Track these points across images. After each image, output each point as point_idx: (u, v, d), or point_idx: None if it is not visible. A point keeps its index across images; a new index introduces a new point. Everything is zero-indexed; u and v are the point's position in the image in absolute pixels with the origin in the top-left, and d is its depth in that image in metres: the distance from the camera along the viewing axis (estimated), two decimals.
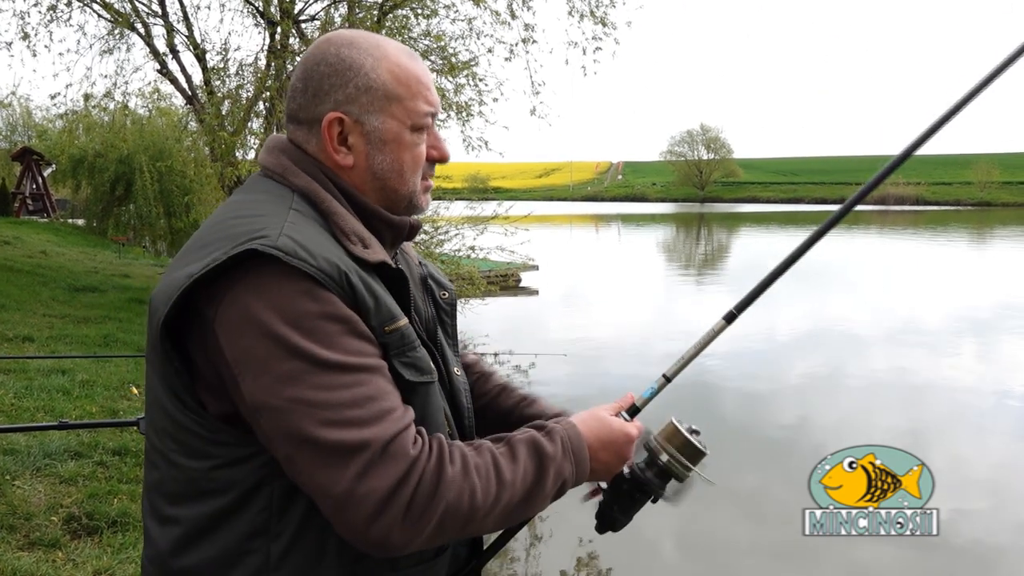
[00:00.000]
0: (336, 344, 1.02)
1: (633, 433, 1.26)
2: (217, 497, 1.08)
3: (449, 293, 1.41)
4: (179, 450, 1.10)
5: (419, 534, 1.01)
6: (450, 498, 1.02)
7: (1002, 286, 20.01)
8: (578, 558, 5.17)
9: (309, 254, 1.03)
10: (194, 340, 1.06)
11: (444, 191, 13.68)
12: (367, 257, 1.11)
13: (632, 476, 1.30)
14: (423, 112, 1.19)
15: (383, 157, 1.18)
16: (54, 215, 31.76)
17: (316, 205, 1.15)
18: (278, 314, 1.00)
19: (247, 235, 1.04)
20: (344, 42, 1.19)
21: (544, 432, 1.17)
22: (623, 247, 36.99)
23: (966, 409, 9.05)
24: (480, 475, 1.06)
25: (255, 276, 1.02)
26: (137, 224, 24.20)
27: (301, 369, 0.99)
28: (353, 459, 0.98)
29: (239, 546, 1.08)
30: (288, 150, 1.20)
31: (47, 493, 4.21)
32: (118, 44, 13.36)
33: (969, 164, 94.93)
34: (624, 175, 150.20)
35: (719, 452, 1.38)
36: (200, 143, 14.59)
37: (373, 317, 1.07)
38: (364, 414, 1.00)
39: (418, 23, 12.09)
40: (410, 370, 1.11)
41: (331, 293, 1.03)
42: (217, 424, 1.07)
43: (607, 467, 1.25)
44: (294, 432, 1.00)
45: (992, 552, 5.41)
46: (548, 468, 1.13)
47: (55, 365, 6.87)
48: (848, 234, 42.36)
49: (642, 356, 11.38)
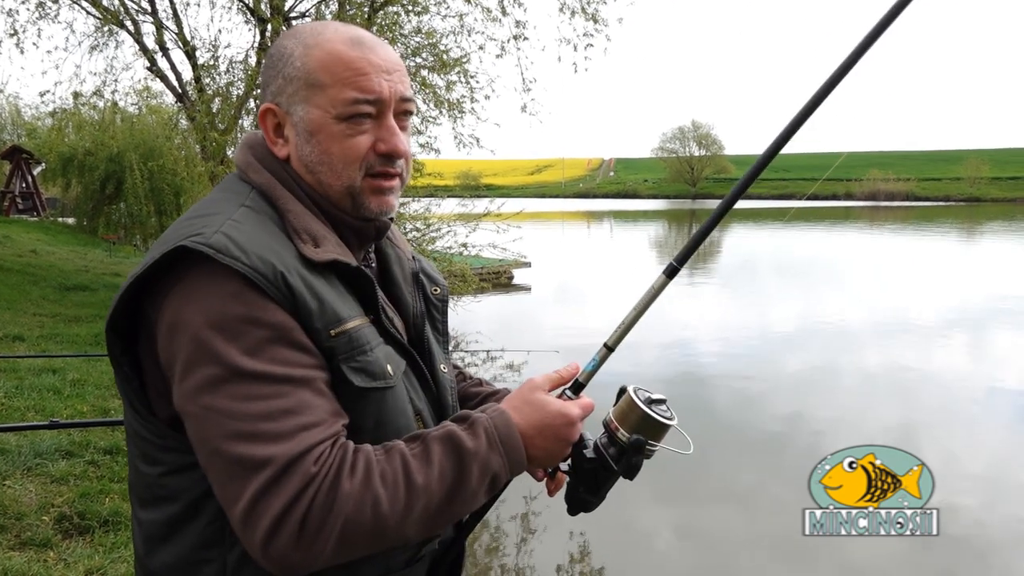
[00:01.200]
0: (260, 352, 0.97)
1: (574, 413, 1.14)
2: (170, 504, 1.07)
3: (441, 289, 1.37)
4: (137, 454, 1.11)
5: (319, 552, 0.95)
6: (348, 512, 0.96)
7: (992, 280, 20.11)
8: (570, 554, 5.18)
9: (243, 252, 0.98)
10: (142, 343, 1.05)
11: (436, 188, 13.66)
12: (314, 256, 1.06)
13: (596, 455, 1.20)
14: (350, 99, 1.10)
15: (311, 148, 1.12)
16: (44, 214, 31.52)
17: (273, 202, 1.11)
18: (204, 316, 0.97)
19: (186, 234, 1.00)
20: (289, 33, 1.16)
21: (466, 425, 1.08)
22: (615, 244, 37.00)
23: (960, 402, 9.09)
24: (386, 483, 0.99)
25: (191, 276, 0.99)
26: (128, 223, 24.04)
27: (219, 377, 0.95)
28: (256, 476, 0.94)
29: (194, 555, 1.06)
30: (256, 145, 1.18)
31: (38, 493, 4.19)
32: (107, 41, 13.29)
33: (959, 160, 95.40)
34: (616, 172, 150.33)
35: (716, 450, 1.37)
36: (191, 141, 14.54)
37: (316, 319, 1.02)
38: (275, 428, 0.95)
39: (409, 20, 12.07)
40: (360, 375, 1.05)
41: (262, 295, 0.98)
42: (165, 430, 1.05)
43: (548, 453, 1.14)
44: (206, 441, 0.97)
45: (988, 544, 5.43)
46: (469, 464, 1.04)
47: (46, 364, 6.83)
48: (839, 230, 42.48)
49: (635, 352, 11.38)
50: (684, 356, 11.16)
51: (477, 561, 5.07)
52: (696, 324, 13.46)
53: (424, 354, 1.27)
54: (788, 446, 7.39)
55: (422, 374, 1.22)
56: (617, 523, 5.55)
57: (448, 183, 15.75)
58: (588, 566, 5.12)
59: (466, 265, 12.92)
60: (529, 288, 19.52)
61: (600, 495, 1.23)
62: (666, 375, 9.88)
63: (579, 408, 1.16)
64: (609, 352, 1.23)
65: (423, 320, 1.31)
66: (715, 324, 13.53)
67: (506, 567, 5.07)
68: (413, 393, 1.17)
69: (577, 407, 1.16)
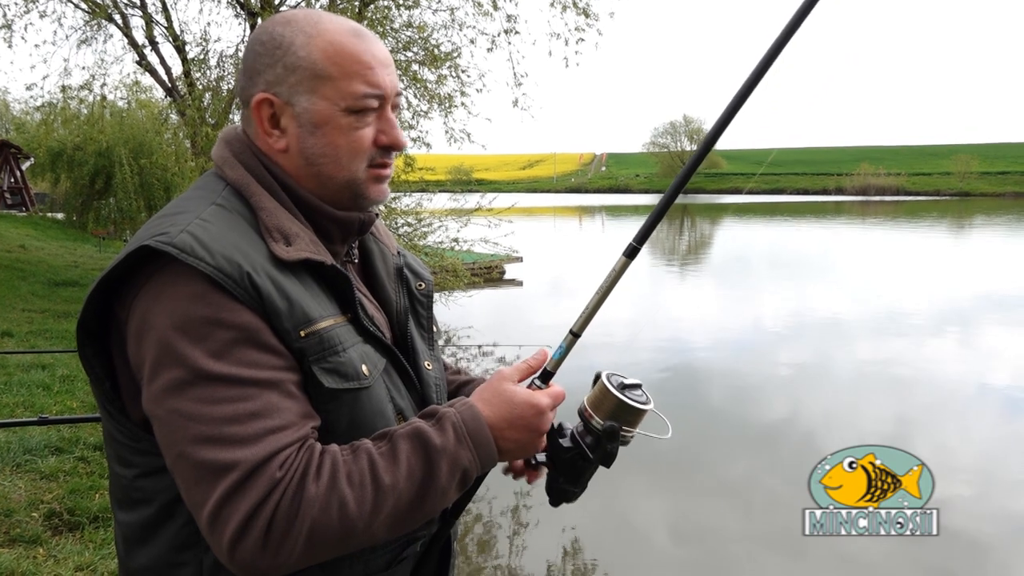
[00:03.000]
0: (226, 354, 0.95)
1: (543, 403, 1.13)
2: (144, 507, 1.06)
3: (426, 284, 1.34)
4: (112, 456, 1.10)
5: (287, 557, 0.94)
6: (315, 515, 0.94)
7: (983, 274, 20.22)
8: (564, 547, 5.19)
9: (208, 252, 0.96)
10: (114, 344, 1.03)
11: (427, 183, 13.64)
12: (284, 255, 1.03)
13: (573, 443, 1.19)
14: (359, 93, 1.09)
15: (315, 141, 1.10)
16: (33, 209, 31.37)
17: (246, 199, 1.09)
18: (169, 318, 0.95)
19: (153, 233, 0.98)
20: (281, 20, 1.12)
21: (433, 421, 1.07)
22: (607, 238, 37.03)
23: (954, 396, 9.14)
24: (353, 484, 0.97)
25: (158, 276, 0.97)
26: (117, 218, 23.90)
27: (183, 380, 0.94)
28: (221, 480, 0.92)
29: (169, 557, 1.05)
30: (233, 140, 1.15)
31: (27, 489, 4.17)
32: (96, 35, 13.19)
33: (949, 155, 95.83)
34: (608, 167, 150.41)
35: (712, 445, 1.37)
36: (181, 136, 14.46)
37: (285, 320, 0.99)
38: (241, 432, 0.94)
39: (400, 14, 12.04)
40: (331, 376, 1.03)
41: (228, 296, 0.96)
42: (138, 432, 1.04)
43: (520, 445, 1.12)
44: (172, 445, 0.96)
45: (984, 539, 5.45)
46: (438, 461, 1.03)
47: (35, 360, 6.81)
48: (830, 224, 42.62)
49: (627, 346, 11.41)
50: (677, 351, 11.17)
51: (469, 558, 5.07)
52: (689, 318, 13.50)
53: (407, 351, 1.25)
54: (782, 440, 7.42)
55: (405, 372, 1.19)
56: (610, 517, 5.56)
57: (440, 178, 15.74)
58: (581, 560, 5.13)
59: (458, 260, 12.91)
60: (521, 283, 19.53)
61: (581, 484, 1.22)
62: (659, 369, 9.88)
63: (548, 397, 1.15)
64: (575, 339, 1.21)
65: (407, 316, 1.28)
66: (707, 319, 13.55)
67: (499, 565, 5.07)
68: (395, 392, 1.15)
69: (547, 396, 1.15)
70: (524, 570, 5.02)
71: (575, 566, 5.08)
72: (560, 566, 5.05)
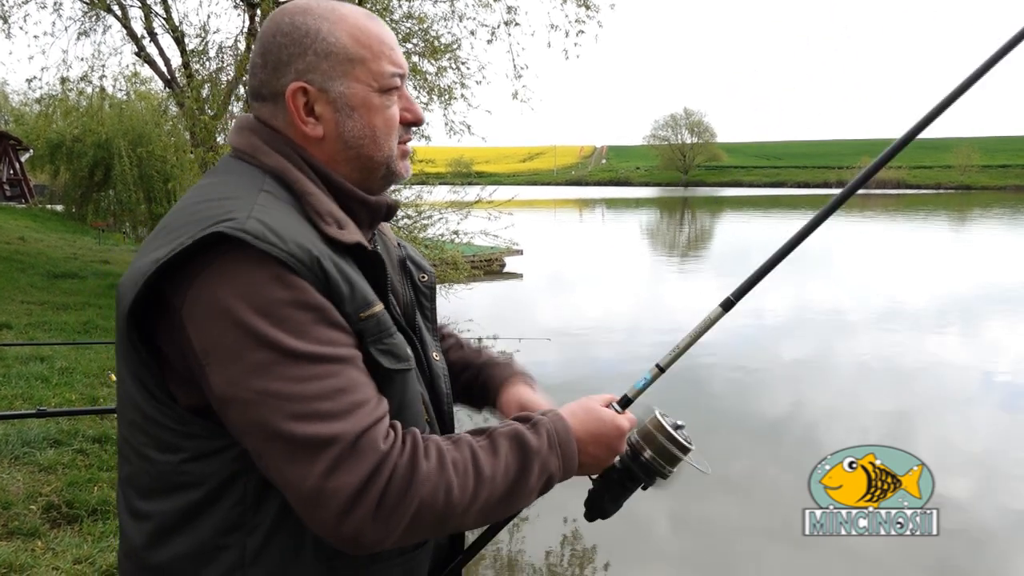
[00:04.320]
0: (307, 333, 0.97)
1: (624, 426, 1.22)
2: (189, 491, 1.05)
3: (429, 276, 1.36)
4: (149, 443, 1.07)
5: (392, 531, 0.98)
6: (424, 494, 0.98)
7: (984, 267, 20.21)
8: (563, 536, 5.20)
9: (279, 238, 0.98)
10: (162, 329, 1.02)
11: (427, 175, 13.61)
12: (342, 238, 1.06)
13: (623, 466, 1.27)
14: (389, 73, 1.13)
15: (353, 123, 1.12)
16: (32, 201, 31.35)
17: (289, 186, 1.10)
18: (246, 302, 0.96)
19: (214, 219, 0.99)
20: (298, 10, 1.13)
21: (529, 424, 1.12)
22: (607, 231, 37.02)
23: (955, 390, 9.14)
24: (457, 470, 1.02)
25: (223, 262, 0.97)
26: (117, 210, 23.89)
27: (270, 360, 0.95)
28: (322, 454, 0.95)
29: (213, 541, 1.05)
30: (258, 129, 1.15)
31: (26, 482, 4.17)
32: (95, 26, 13.15)
33: (949, 148, 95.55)
34: (608, 159, 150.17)
35: (713, 439, 1.37)
36: (180, 127, 14.44)
37: (348, 303, 1.02)
38: (334, 407, 0.97)
39: (400, 5, 11.99)
40: (387, 357, 1.06)
41: (302, 279, 0.98)
42: (187, 416, 1.03)
43: (597, 461, 1.20)
44: (262, 425, 0.96)
45: (985, 537, 5.44)
46: (532, 462, 1.08)
47: (33, 352, 6.80)
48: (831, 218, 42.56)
49: (627, 340, 11.42)
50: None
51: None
52: (688, 308, 13.48)
53: (416, 342, 1.26)
54: (785, 435, 7.42)
55: (420, 361, 1.23)
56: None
57: (440, 170, 15.70)
58: (580, 547, 5.14)
59: (458, 252, 12.88)
60: (521, 275, 19.53)
61: (619, 504, 1.30)
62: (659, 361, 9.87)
63: (628, 422, 1.23)
64: (660, 372, 1.28)
65: (413, 308, 1.31)
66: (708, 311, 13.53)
67: (499, 552, 5.07)
68: (420, 378, 1.19)
69: (627, 420, 1.23)
70: (524, 557, 5.03)
71: (573, 552, 5.09)
72: (559, 552, 5.06)
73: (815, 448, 6.46)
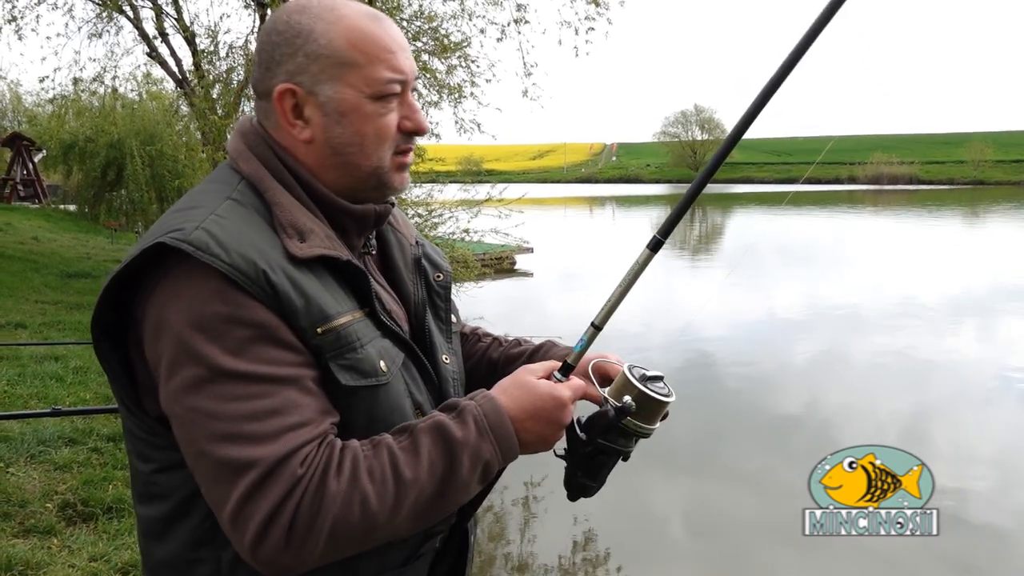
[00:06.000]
0: (244, 351, 0.94)
1: (564, 395, 1.11)
2: (161, 502, 1.06)
3: (444, 275, 1.33)
4: (131, 450, 1.10)
5: (309, 554, 0.94)
6: (336, 512, 0.94)
7: (998, 263, 20.05)
8: (574, 538, 5.19)
9: (224, 250, 0.95)
10: (130, 339, 1.02)
11: (437, 174, 13.62)
12: (299, 252, 1.01)
13: (587, 438, 1.17)
14: (385, 79, 1.07)
15: (342, 130, 1.08)
16: (45, 201, 31.51)
17: (261, 193, 1.07)
18: (186, 316, 0.94)
19: (168, 228, 0.97)
20: (296, 8, 1.09)
21: (454, 414, 1.05)
22: (618, 229, 36.92)
23: (968, 389, 9.07)
24: (374, 479, 0.97)
25: (172, 274, 0.96)
26: (129, 209, 24.03)
27: (202, 377, 0.93)
28: (241, 479, 0.92)
29: (187, 554, 1.05)
30: (249, 132, 1.13)
31: (42, 480, 4.20)
32: (107, 27, 13.23)
33: (962, 143, 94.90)
34: (618, 156, 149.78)
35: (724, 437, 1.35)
36: (191, 127, 14.49)
37: (302, 317, 0.98)
38: (260, 429, 0.93)
39: (410, 3, 12.00)
40: (348, 373, 1.02)
41: (244, 294, 0.95)
42: (156, 426, 1.03)
43: (541, 437, 1.10)
44: (192, 443, 0.95)
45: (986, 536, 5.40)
46: (460, 455, 1.01)
47: (48, 352, 6.84)
48: (842, 214, 42.35)
49: (639, 336, 11.38)
50: (689, 340, 11.14)
51: (480, 547, 5.08)
52: (698, 305, 13.43)
53: (425, 345, 1.23)
54: (797, 431, 7.38)
55: (423, 366, 1.18)
56: (621, 507, 5.55)
57: (450, 168, 15.71)
58: (593, 550, 5.13)
59: (468, 251, 12.89)
60: (531, 274, 19.52)
61: (599, 479, 1.20)
62: (671, 359, 9.86)
63: (569, 390, 1.13)
64: (596, 331, 1.20)
65: (425, 309, 1.26)
66: (720, 308, 13.51)
67: (510, 554, 5.07)
68: (413, 386, 1.14)
69: (567, 388, 1.13)
70: (536, 559, 5.02)
71: (586, 556, 5.08)
72: (570, 556, 5.05)
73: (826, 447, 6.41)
